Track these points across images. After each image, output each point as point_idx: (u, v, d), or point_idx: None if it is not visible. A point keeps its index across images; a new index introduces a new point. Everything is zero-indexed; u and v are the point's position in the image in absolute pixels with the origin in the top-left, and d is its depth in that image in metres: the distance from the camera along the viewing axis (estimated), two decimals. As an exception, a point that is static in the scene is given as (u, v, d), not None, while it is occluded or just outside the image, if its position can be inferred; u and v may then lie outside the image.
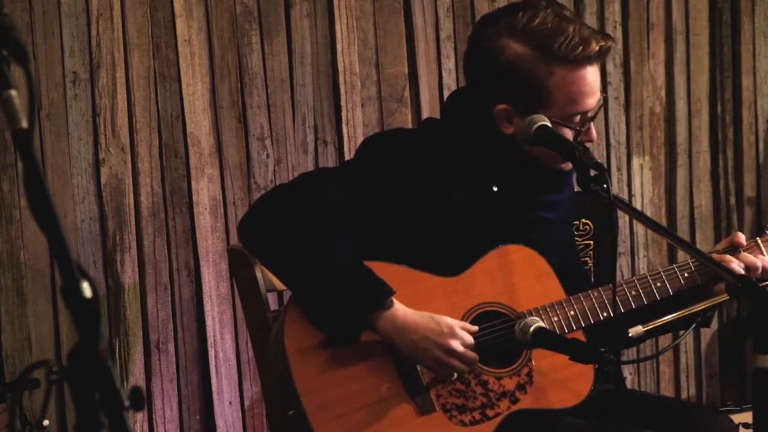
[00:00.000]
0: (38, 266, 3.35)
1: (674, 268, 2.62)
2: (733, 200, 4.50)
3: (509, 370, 2.52)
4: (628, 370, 4.30)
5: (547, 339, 2.43)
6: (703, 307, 2.51)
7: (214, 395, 3.59)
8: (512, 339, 2.46)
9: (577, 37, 2.46)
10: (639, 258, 4.32)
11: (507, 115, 2.52)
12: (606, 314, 2.55)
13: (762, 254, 2.64)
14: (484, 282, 2.53)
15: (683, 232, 4.38)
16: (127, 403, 1.33)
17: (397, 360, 2.45)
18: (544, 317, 2.51)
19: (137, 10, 3.47)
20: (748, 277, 2.51)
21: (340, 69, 3.76)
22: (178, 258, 3.55)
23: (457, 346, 2.42)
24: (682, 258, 2.63)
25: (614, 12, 4.25)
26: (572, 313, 2.54)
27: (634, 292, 2.58)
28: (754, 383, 2.07)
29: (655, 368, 4.40)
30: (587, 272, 2.78)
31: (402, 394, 2.45)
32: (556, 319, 2.53)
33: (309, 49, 3.72)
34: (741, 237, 2.62)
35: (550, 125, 2.47)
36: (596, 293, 2.57)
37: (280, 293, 3.49)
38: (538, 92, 2.48)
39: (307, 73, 3.72)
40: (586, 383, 2.55)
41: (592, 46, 2.47)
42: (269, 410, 2.77)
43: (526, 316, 2.49)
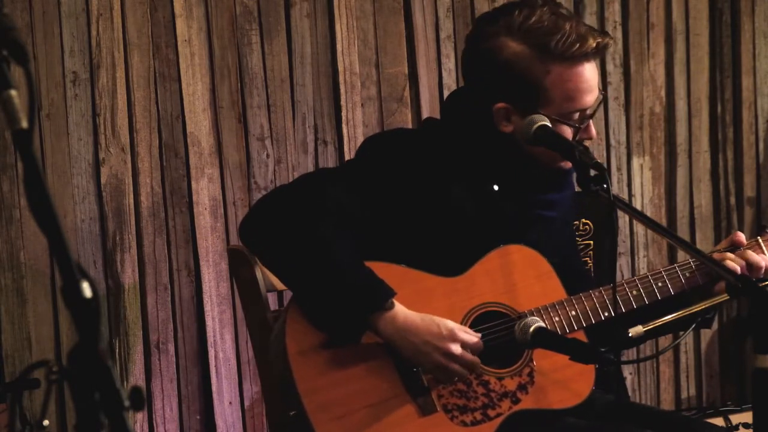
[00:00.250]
0: (38, 266, 3.35)
1: (675, 267, 2.61)
2: (733, 200, 4.50)
3: (510, 371, 2.52)
4: (628, 370, 4.30)
5: (547, 339, 2.43)
6: (703, 307, 2.50)
7: (214, 395, 3.59)
8: (513, 339, 2.46)
9: (573, 35, 2.46)
10: (639, 258, 4.31)
11: (506, 114, 2.52)
12: (607, 314, 2.55)
13: (764, 253, 2.64)
14: (485, 282, 2.53)
15: (683, 232, 4.37)
16: (127, 403, 1.33)
17: (397, 361, 2.45)
18: (545, 317, 2.51)
19: (137, 10, 3.47)
20: (749, 277, 2.51)
21: (340, 69, 3.75)
22: (178, 258, 3.54)
23: (457, 349, 2.42)
24: (682, 258, 2.62)
25: (614, 12, 4.24)
26: (573, 313, 2.54)
27: (635, 292, 2.58)
28: (754, 383, 2.06)
29: (655, 368, 4.40)
30: (588, 272, 2.78)
31: (403, 394, 2.45)
32: (557, 319, 2.53)
33: (309, 49, 3.72)
34: (741, 236, 2.62)
35: (550, 125, 2.46)
36: (597, 293, 2.57)
37: (280, 293, 3.49)
38: (536, 90, 2.48)
39: (307, 73, 3.72)
40: (587, 383, 2.55)
41: (589, 42, 2.46)
42: (269, 410, 2.76)
43: (527, 316, 2.49)
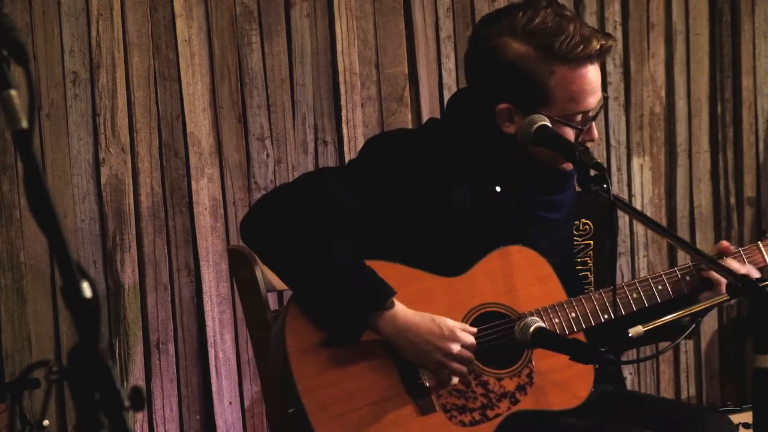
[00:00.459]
0: (38, 266, 3.35)
1: (676, 270, 2.62)
2: (733, 200, 4.50)
3: (510, 371, 2.52)
4: (628, 370, 4.30)
5: (547, 339, 2.43)
6: (703, 307, 2.50)
7: (214, 395, 3.59)
8: (513, 340, 2.46)
9: (578, 36, 2.46)
10: (639, 258, 4.31)
11: (509, 115, 2.52)
12: (607, 316, 2.55)
13: (763, 257, 2.66)
14: (485, 282, 2.53)
15: (683, 232, 4.37)
16: (127, 403, 1.33)
17: (397, 360, 2.45)
18: (544, 318, 2.51)
19: (137, 10, 3.47)
20: (749, 277, 2.51)
21: (340, 69, 3.75)
22: (178, 258, 3.54)
23: (457, 349, 2.42)
24: (682, 258, 2.63)
25: (614, 12, 4.25)
26: (573, 314, 2.54)
27: (635, 295, 2.58)
28: (754, 383, 2.07)
29: (655, 368, 4.40)
30: (581, 278, 2.79)
31: (402, 393, 2.45)
32: (557, 320, 2.53)
33: (309, 49, 3.72)
34: (727, 244, 2.63)
35: (550, 125, 2.47)
36: (597, 295, 2.57)
37: (280, 293, 3.49)
38: (539, 91, 2.48)
39: (307, 73, 3.72)
40: (586, 385, 2.55)
41: (593, 44, 2.47)
42: (269, 410, 2.77)
43: (526, 316, 2.49)
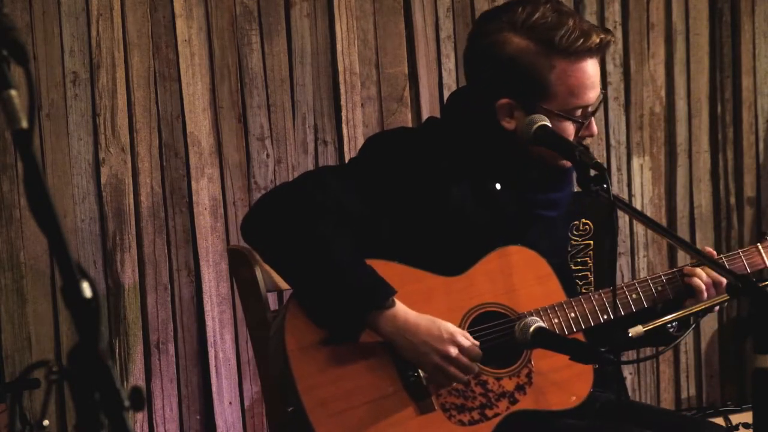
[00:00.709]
0: (38, 266, 3.35)
1: (675, 272, 2.62)
2: (733, 200, 4.50)
3: (509, 371, 2.52)
4: (628, 370, 4.30)
5: (547, 339, 2.43)
6: (703, 307, 2.51)
7: (214, 395, 3.59)
8: (512, 339, 2.47)
9: (577, 30, 2.48)
10: (639, 258, 4.31)
11: (509, 110, 2.52)
12: (606, 317, 2.55)
13: (762, 259, 2.67)
14: (485, 282, 2.53)
15: (683, 232, 4.37)
16: (127, 403, 1.33)
17: (397, 359, 2.45)
18: (544, 318, 2.51)
19: (137, 10, 3.47)
20: (749, 277, 2.51)
21: (340, 69, 3.75)
22: (178, 258, 3.54)
23: (455, 353, 2.42)
24: (682, 258, 2.63)
25: (614, 12, 4.25)
26: (572, 315, 2.54)
27: (634, 296, 2.58)
28: (754, 383, 2.06)
29: (655, 368, 4.40)
30: (575, 279, 2.80)
31: (401, 392, 2.45)
32: (556, 320, 2.53)
33: (309, 49, 3.72)
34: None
35: (550, 125, 2.47)
36: (597, 296, 2.57)
37: (280, 293, 3.49)
38: (540, 85, 2.49)
39: (307, 73, 3.72)
40: (585, 385, 2.55)
41: (593, 38, 2.48)
42: (269, 410, 2.77)
43: (526, 316, 2.49)
